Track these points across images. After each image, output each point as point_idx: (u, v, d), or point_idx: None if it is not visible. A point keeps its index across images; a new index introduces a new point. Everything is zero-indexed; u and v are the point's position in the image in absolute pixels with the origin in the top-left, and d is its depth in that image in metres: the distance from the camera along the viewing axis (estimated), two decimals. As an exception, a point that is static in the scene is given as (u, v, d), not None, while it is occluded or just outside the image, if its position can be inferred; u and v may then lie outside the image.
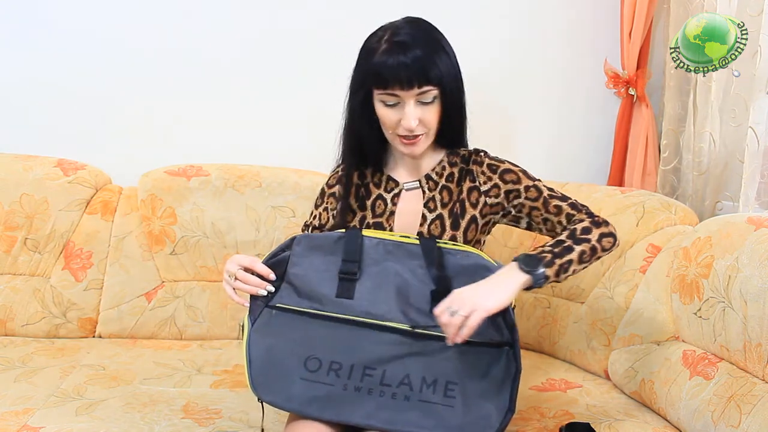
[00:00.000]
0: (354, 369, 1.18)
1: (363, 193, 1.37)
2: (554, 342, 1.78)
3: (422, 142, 1.29)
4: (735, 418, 1.20)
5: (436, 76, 1.22)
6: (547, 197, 1.31)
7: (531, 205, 1.31)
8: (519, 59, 2.15)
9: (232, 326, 1.89)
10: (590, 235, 1.24)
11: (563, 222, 1.30)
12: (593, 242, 1.23)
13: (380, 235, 1.27)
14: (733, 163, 1.78)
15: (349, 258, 1.25)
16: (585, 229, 1.24)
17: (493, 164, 1.34)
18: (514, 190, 1.32)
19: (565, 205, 1.30)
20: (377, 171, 1.38)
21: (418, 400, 1.16)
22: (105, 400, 1.46)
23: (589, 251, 1.22)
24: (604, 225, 1.27)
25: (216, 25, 2.07)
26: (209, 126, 2.10)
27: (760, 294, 1.22)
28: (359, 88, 1.28)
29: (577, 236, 1.23)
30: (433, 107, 1.26)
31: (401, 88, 1.22)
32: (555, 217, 1.30)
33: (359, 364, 1.18)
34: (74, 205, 1.89)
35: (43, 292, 1.84)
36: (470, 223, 1.33)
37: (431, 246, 1.24)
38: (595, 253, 1.24)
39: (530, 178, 1.33)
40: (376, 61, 1.22)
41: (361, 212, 1.36)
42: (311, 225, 1.43)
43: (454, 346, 1.15)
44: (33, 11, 2.01)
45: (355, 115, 1.31)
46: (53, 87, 2.04)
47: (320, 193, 1.44)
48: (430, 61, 1.21)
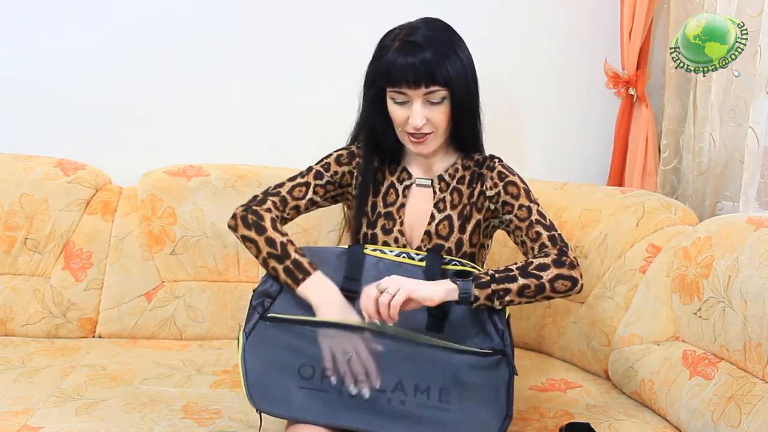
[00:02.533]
0: (344, 378, 1.18)
1: (379, 177, 1.39)
2: (554, 342, 1.78)
3: (431, 142, 1.30)
4: (735, 418, 1.20)
5: (444, 78, 1.23)
6: (533, 221, 1.30)
7: (516, 224, 1.32)
8: (519, 59, 2.15)
9: (232, 326, 1.89)
10: (544, 272, 1.21)
11: (534, 250, 1.28)
12: (543, 280, 1.20)
13: (380, 254, 1.29)
14: (733, 163, 1.78)
15: (350, 276, 1.27)
16: (542, 266, 1.22)
17: (503, 173, 1.35)
18: (509, 203, 1.33)
19: (545, 235, 1.28)
20: (393, 161, 1.40)
21: (415, 405, 1.17)
22: (105, 400, 1.46)
23: (534, 288, 1.20)
24: (568, 267, 1.23)
25: (216, 25, 2.07)
26: (209, 126, 2.10)
27: (760, 294, 1.22)
28: (372, 84, 1.30)
29: (529, 270, 1.21)
30: (441, 108, 1.27)
31: (408, 87, 1.24)
32: (530, 242, 1.29)
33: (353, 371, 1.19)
34: (74, 205, 1.89)
35: (43, 292, 1.84)
36: (476, 227, 1.35)
37: (435, 269, 1.26)
38: (542, 292, 1.21)
39: (529, 199, 1.33)
40: (387, 59, 1.25)
41: (374, 198, 1.38)
42: (311, 183, 1.40)
43: (443, 354, 1.17)
44: (33, 11, 2.01)
45: (369, 110, 1.33)
46: (53, 87, 2.04)
47: (326, 165, 1.41)
48: (439, 63, 1.23)
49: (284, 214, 1.36)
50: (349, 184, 1.41)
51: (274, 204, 1.35)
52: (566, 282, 1.22)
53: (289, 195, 1.37)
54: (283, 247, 1.27)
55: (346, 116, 1.43)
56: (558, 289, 1.22)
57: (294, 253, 1.27)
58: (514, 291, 1.19)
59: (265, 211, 1.33)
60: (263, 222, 1.31)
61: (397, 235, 1.35)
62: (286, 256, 1.26)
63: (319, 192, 1.39)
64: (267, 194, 1.37)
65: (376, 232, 1.36)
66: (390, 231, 1.35)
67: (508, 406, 1.17)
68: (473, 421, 1.16)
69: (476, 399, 1.17)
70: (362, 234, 1.37)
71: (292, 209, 1.37)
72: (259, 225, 1.30)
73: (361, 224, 1.37)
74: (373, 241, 1.36)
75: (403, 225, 1.35)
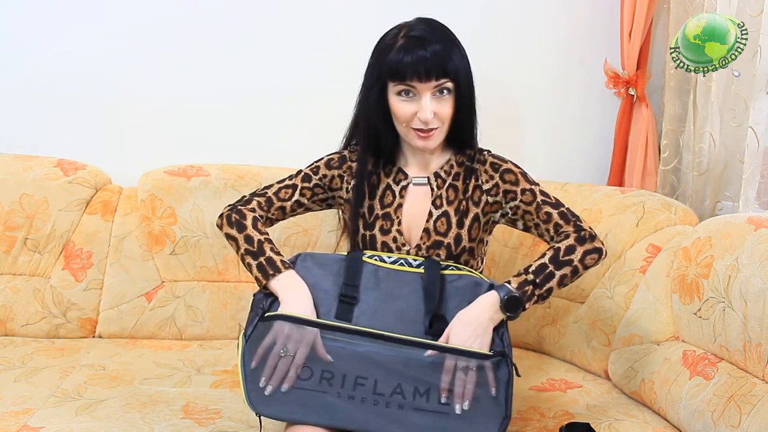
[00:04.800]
0: (346, 378, 1.19)
1: (375, 180, 1.40)
2: (554, 342, 1.78)
3: (436, 136, 1.31)
4: (735, 418, 1.20)
5: (453, 70, 1.26)
6: (540, 203, 1.33)
7: (525, 209, 1.34)
8: (519, 59, 2.15)
9: (232, 326, 1.89)
10: (573, 255, 1.27)
11: (551, 231, 1.33)
12: (576, 263, 1.27)
13: (378, 262, 1.29)
14: (733, 163, 1.78)
15: (349, 282, 1.27)
16: (569, 249, 1.27)
17: (496, 163, 1.36)
18: (511, 191, 1.34)
19: (555, 214, 1.32)
20: (388, 162, 1.40)
21: (413, 408, 1.17)
22: (105, 400, 1.46)
23: (570, 273, 1.27)
24: (589, 241, 1.29)
25: (216, 26, 2.07)
26: (209, 126, 2.10)
27: (760, 294, 1.22)
28: (375, 83, 1.30)
29: (560, 258, 1.26)
30: (447, 101, 1.29)
31: (419, 80, 1.25)
32: (544, 224, 1.33)
33: (351, 373, 1.19)
34: (74, 205, 1.89)
35: (43, 292, 1.84)
36: (473, 221, 1.35)
37: (434, 278, 1.26)
38: (577, 273, 1.28)
39: (528, 181, 1.35)
40: (394, 56, 1.25)
41: (370, 201, 1.38)
42: (299, 185, 1.41)
43: (441, 357, 1.18)
44: (33, 11, 2.01)
45: (371, 110, 1.33)
46: (53, 87, 2.04)
47: (315, 168, 1.42)
48: (447, 55, 1.25)
49: (269, 215, 1.39)
50: (339, 188, 1.42)
51: (259, 204, 1.38)
52: (594, 255, 1.29)
53: (275, 196, 1.40)
54: (260, 244, 1.30)
55: (347, 117, 1.43)
56: (588, 265, 1.29)
57: (269, 251, 1.29)
58: (555, 286, 1.25)
59: (249, 211, 1.36)
60: (244, 221, 1.34)
61: (396, 235, 1.35)
62: (261, 253, 1.29)
63: (306, 194, 1.41)
64: (254, 195, 1.41)
65: (375, 233, 1.36)
66: (388, 231, 1.35)
67: (507, 406, 1.18)
68: (473, 421, 1.16)
69: (475, 400, 1.17)
70: (361, 236, 1.37)
71: (277, 210, 1.40)
72: (240, 223, 1.33)
73: (358, 227, 1.37)
74: (372, 242, 1.36)
75: (401, 225, 1.36)
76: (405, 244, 1.35)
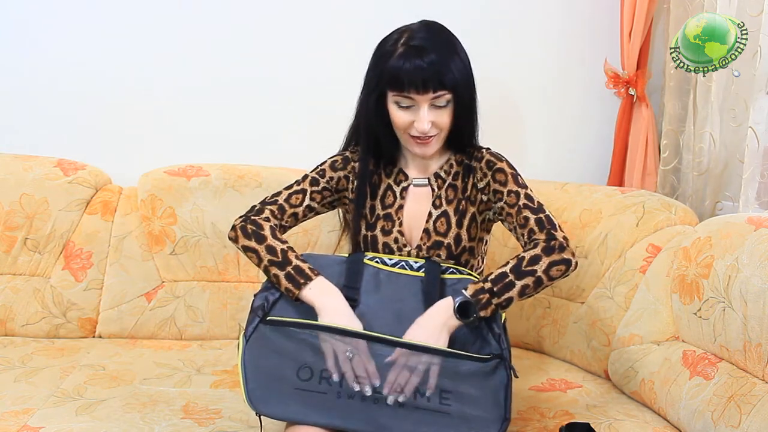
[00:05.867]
0: (345, 378, 1.19)
1: (376, 180, 1.39)
2: (554, 342, 1.78)
3: (434, 143, 1.31)
4: (735, 418, 1.20)
5: (451, 81, 1.24)
6: (521, 206, 1.30)
7: (507, 211, 1.32)
8: (519, 59, 2.15)
9: (232, 326, 1.89)
10: (537, 265, 1.22)
11: (525, 236, 1.29)
12: (539, 273, 1.21)
13: (379, 265, 1.29)
14: (733, 163, 1.78)
15: (349, 284, 1.27)
16: (533, 259, 1.22)
17: (491, 161, 1.36)
18: (499, 191, 1.33)
19: (532, 219, 1.28)
20: (389, 163, 1.40)
21: (414, 407, 1.17)
22: (105, 400, 1.46)
23: (533, 284, 1.21)
24: (558, 251, 1.23)
25: (216, 26, 2.07)
26: (209, 126, 2.10)
27: (760, 294, 1.22)
28: (374, 89, 1.30)
29: (522, 268, 1.21)
30: (446, 111, 1.28)
31: (417, 92, 1.24)
32: (520, 228, 1.30)
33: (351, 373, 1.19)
34: (74, 205, 1.89)
35: (43, 292, 1.84)
36: (471, 220, 1.35)
37: (434, 282, 1.26)
38: (541, 284, 1.22)
39: (517, 184, 1.33)
40: (393, 64, 1.24)
41: (372, 201, 1.38)
42: (308, 190, 1.40)
43: (443, 359, 1.18)
44: (33, 11, 2.01)
45: (370, 115, 1.33)
46: (54, 87, 2.04)
47: (321, 171, 1.42)
48: (445, 66, 1.23)
49: (283, 222, 1.37)
50: (345, 189, 1.41)
51: (272, 213, 1.36)
52: (560, 267, 1.23)
53: (286, 203, 1.37)
54: (284, 254, 1.27)
55: (347, 117, 1.43)
56: (554, 276, 1.23)
57: (295, 259, 1.27)
58: (515, 296, 1.20)
59: (264, 221, 1.33)
60: (263, 231, 1.31)
61: (397, 236, 1.35)
62: (287, 262, 1.26)
63: (316, 198, 1.40)
64: (264, 204, 1.37)
65: (376, 234, 1.36)
66: (389, 232, 1.35)
67: (506, 409, 1.17)
68: (473, 423, 1.17)
69: (475, 402, 1.18)
70: (362, 236, 1.37)
71: (290, 217, 1.38)
72: (259, 234, 1.30)
73: (360, 227, 1.37)
74: (373, 242, 1.36)
75: (402, 225, 1.36)
76: (406, 244, 1.35)
